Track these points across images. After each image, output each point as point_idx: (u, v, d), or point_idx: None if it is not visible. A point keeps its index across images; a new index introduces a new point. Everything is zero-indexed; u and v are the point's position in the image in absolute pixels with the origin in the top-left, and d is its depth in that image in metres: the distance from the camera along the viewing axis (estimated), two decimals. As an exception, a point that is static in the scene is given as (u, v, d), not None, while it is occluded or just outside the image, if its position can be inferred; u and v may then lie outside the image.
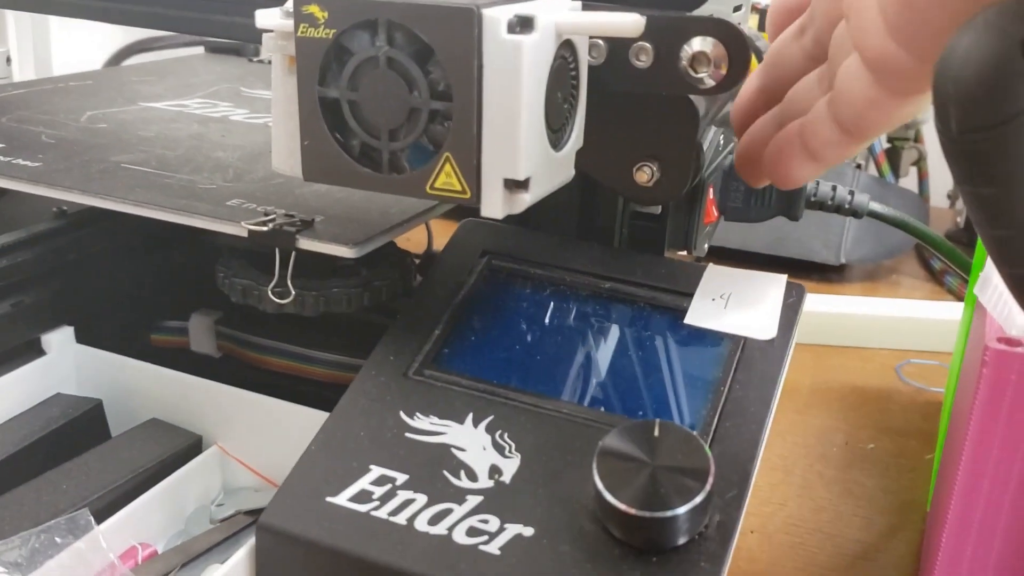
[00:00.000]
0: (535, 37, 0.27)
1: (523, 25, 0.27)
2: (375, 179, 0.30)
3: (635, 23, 0.28)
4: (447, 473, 0.29)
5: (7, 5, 0.45)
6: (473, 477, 0.29)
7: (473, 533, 0.27)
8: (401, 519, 0.28)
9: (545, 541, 0.27)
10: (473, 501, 0.28)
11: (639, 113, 0.33)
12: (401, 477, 0.29)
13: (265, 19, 0.30)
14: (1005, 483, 0.29)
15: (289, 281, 0.36)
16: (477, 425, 0.31)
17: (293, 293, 0.36)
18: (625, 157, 0.34)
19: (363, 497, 0.29)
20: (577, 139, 0.32)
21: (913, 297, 0.69)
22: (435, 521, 0.28)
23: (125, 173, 0.40)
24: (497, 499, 0.28)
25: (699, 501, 0.26)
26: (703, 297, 0.35)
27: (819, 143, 0.30)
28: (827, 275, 0.71)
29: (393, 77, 0.28)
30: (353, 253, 0.33)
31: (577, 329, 0.35)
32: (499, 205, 0.28)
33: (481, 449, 0.30)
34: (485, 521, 0.28)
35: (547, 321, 0.35)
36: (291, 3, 0.29)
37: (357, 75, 0.28)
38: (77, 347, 0.41)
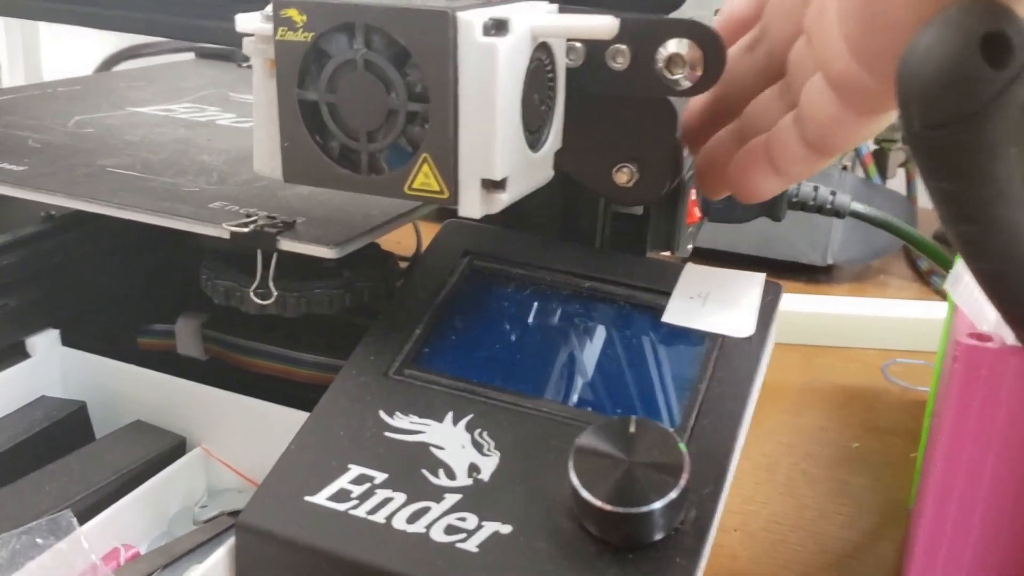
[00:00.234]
0: (510, 40, 0.27)
1: (498, 28, 0.27)
2: (354, 180, 0.30)
3: (609, 25, 0.28)
4: (426, 472, 0.30)
5: (-5, 11, 0.46)
6: (452, 475, 0.29)
7: (451, 531, 0.28)
8: (379, 518, 0.28)
9: (522, 538, 0.27)
10: (451, 499, 0.29)
11: (618, 114, 0.33)
12: (380, 476, 0.29)
13: (245, 23, 0.30)
14: (978, 479, 0.30)
15: (271, 282, 0.36)
16: (456, 424, 0.31)
17: (275, 294, 0.36)
18: (604, 158, 0.34)
19: (342, 496, 0.29)
20: (555, 140, 0.32)
21: (901, 297, 0.69)
22: (413, 519, 0.28)
23: (110, 177, 0.40)
24: (475, 497, 0.29)
25: (674, 497, 0.26)
26: (681, 296, 0.35)
27: (786, 159, 0.30)
28: (815, 276, 0.71)
29: (371, 79, 0.28)
30: (334, 254, 0.34)
31: (556, 328, 0.35)
32: (476, 205, 0.29)
33: (460, 447, 0.30)
34: (463, 519, 0.28)
35: (527, 320, 0.35)
36: (270, 7, 0.29)
37: (335, 78, 0.29)
38: (63, 350, 0.41)
